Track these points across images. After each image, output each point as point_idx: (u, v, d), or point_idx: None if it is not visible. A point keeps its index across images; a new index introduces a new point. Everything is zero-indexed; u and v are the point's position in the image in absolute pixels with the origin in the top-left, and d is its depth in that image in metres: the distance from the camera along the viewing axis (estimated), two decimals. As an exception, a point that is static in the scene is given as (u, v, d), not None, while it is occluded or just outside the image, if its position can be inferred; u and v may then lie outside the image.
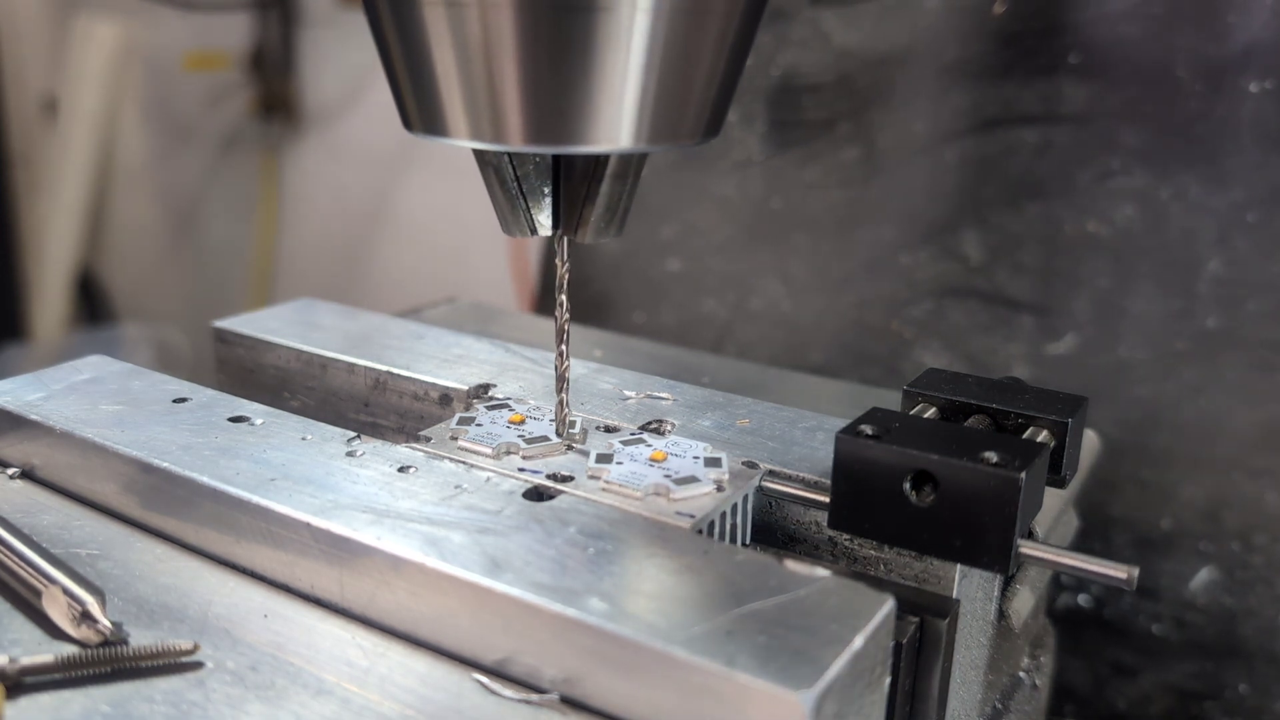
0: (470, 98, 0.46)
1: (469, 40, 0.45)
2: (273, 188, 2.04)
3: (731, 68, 0.49)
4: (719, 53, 0.48)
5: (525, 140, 0.46)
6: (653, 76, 0.46)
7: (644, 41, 0.45)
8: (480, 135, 0.47)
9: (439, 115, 0.47)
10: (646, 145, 0.47)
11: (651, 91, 0.46)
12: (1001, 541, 0.47)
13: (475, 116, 0.46)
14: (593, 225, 0.53)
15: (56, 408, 0.60)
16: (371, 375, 0.69)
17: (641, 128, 0.47)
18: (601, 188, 0.52)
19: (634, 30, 0.44)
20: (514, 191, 0.53)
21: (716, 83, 0.49)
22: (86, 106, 2.22)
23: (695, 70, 0.47)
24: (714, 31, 0.47)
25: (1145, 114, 0.85)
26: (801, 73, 0.99)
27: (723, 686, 0.38)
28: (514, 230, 0.54)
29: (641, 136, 0.47)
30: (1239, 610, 0.83)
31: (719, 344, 1.04)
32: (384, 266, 1.90)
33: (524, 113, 0.46)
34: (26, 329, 2.38)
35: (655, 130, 0.47)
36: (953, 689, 0.52)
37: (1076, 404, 0.54)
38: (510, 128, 0.46)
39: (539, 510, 0.49)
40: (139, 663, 0.45)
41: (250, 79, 1.98)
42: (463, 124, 0.47)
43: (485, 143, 0.47)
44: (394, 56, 0.48)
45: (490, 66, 0.45)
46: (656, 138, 0.47)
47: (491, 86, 0.45)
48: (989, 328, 0.92)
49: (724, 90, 0.49)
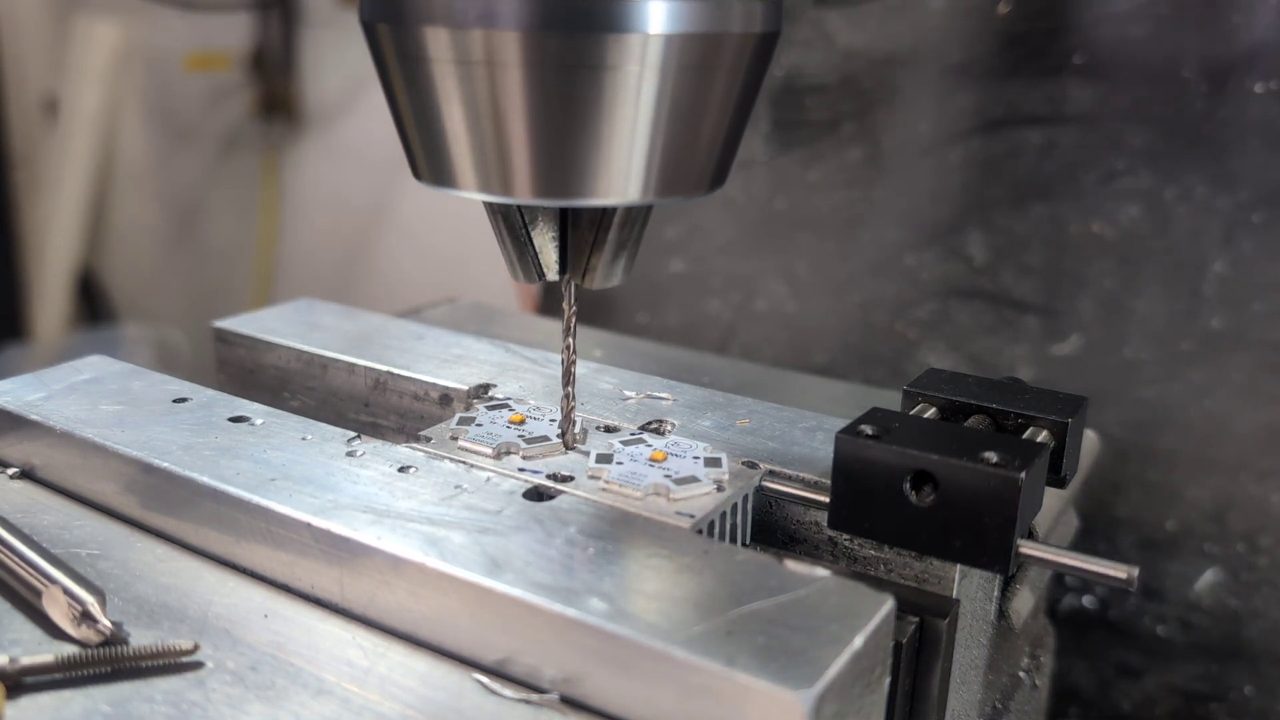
0: (479, 153, 0.47)
1: (478, 97, 0.45)
2: (273, 188, 2.04)
3: (737, 120, 0.50)
4: (725, 107, 0.48)
5: (534, 194, 0.47)
6: (660, 132, 0.46)
7: (651, 99, 0.45)
8: (489, 189, 0.48)
9: (448, 168, 0.48)
10: (654, 198, 0.48)
11: (658, 146, 0.47)
12: (1001, 541, 0.46)
13: (484, 171, 0.47)
14: (600, 272, 0.54)
15: (57, 408, 0.60)
16: (372, 375, 0.69)
17: (649, 181, 0.47)
18: (609, 236, 0.53)
19: (641, 88, 0.45)
20: (522, 239, 0.54)
21: (722, 136, 0.49)
22: (87, 106, 2.22)
23: (701, 125, 0.48)
24: (720, 87, 0.47)
25: (1150, 115, 0.85)
26: (806, 73, 0.99)
27: (722, 686, 0.38)
28: (521, 276, 0.55)
29: (649, 190, 0.48)
30: (1244, 612, 0.83)
31: (723, 345, 1.04)
32: (384, 267, 1.90)
33: (533, 168, 0.46)
34: (27, 329, 2.38)
35: (662, 183, 0.48)
36: (953, 689, 0.52)
37: (1076, 404, 0.54)
38: (519, 182, 0.47)
39: (539, 510, 0.49)
40: (139, 663, 0.44)
41: (251, 79, 1.98)
42: (471, 177, 0.48)
43: (494, 196, 0.48)
44: (402, 109, 0.49)
45: (499, 123, 0.46)
46: (663, 191, 0.48)
47: (500, 142, 0.46)
48: (994, 329, 0.92)
49: (729, 142, 0.50)
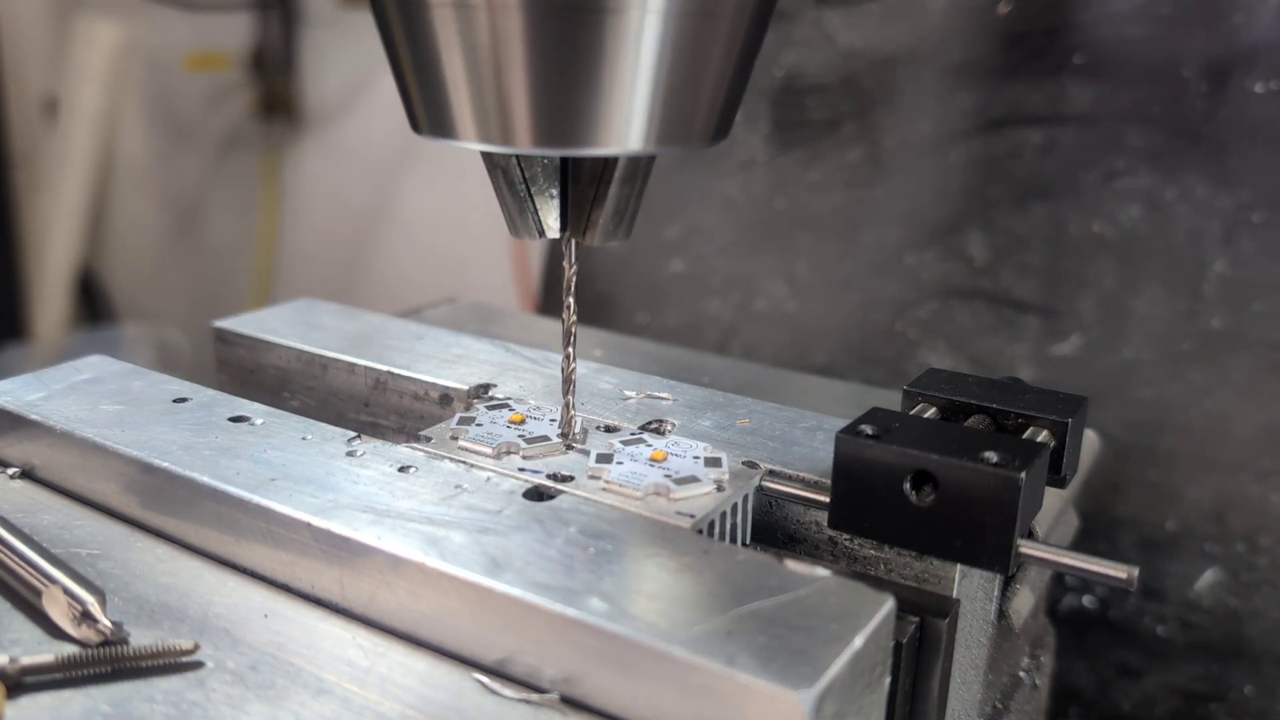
0: (478, 100, 0.46)
1: (477, 42, 0.44)
2: (273, 188, 2.04)
3: (740, 70, 0.49)
4: (728, 55, 0.47)
5: (534, 143, 0.46)
6: (661, 79, 0.45)
7: (653, 43, 0.44)
8: (488, 138, 0.47)
9: (447, 117, 0.47)
10: (655, 148, 0.47)
11: (660, 94, 0.46)
12: (1001, 541, 0.46)
13: (483, 119, 0.46)
14: (601, 228, 0.53)
15: (57, 408, 0.60)
16: (372, 375, 0.69)
17: (650, 130, 0.47)
18: (610, 190, 0.52)
19: (643, 32, 0.44)
20: (522, 194, 0.53)
21: (725, 85, 0.48)
22: (87, 106, 2.22)
23: (704, 73, 0.47)
24: (723, 34, 0.47)
25: (1151, 115, 0.85)
26: (806, 73, 0.99)
27: (723, 686, 0.38)
28: (521, 232, 0.54)
29: (650, 139, 0.47)
30: (1244, 612, 0.83)
31: (723, 345, 1.04)
32: (384, 267, 1.90)
33: (532, 115, 0.45)
34: (27, 329, 2.38)
35: (664, 133, 0.47)
36: (953, 689, 0.52)
37: (1076, 404, 0.54)
38: (518, 130, 0.46)
39: (539, 510, 0.49)
40: (139, 663, 0.44)
41: (251, 79, 1.98)
42: (471, 126, 0.47)
43: (494, 145, 0.47)
44: (402, 58, 0.48)
45: (498, 68, 0.45)
46: (665, 140, 0.47)
47: (500, 89, 0.45)
48: (994, 329, 0.92)
49: (733, 93, 0.49)
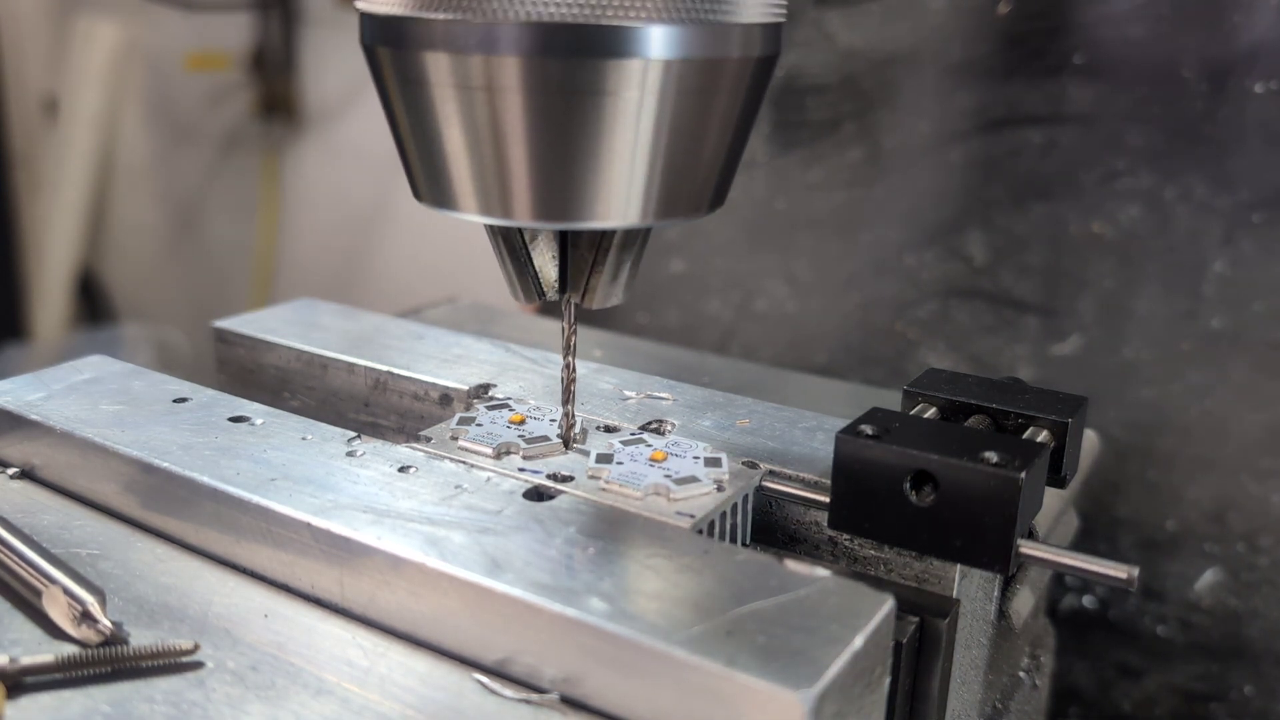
0: (479, 175, 0.47)
1: (478, 121, 0.45)
2: (273, 188, 2.04)
3: (736, 142, 0.50)
4: (724, 129, 0.48)
5: (533, 217, 0.47)
6: (659, 155, 0.46)
7: (651, 122, 0.45)
8: (490, 211, 0.48)
9: (448, 190, 0.48)
10: (653, 221, 0.48)
11: (658, 169, 0.47)
12: (1001, 541, 0.46)
13: (484, 193, 0.47)
14: (600, 292, 0.54)
15: (57, 408, 0.60)
16: (372, 375, 0.69)
17: (648, 203, 0.47)
18: (608, 257, 0.53)
19: (640, 112, 0.45)
20: (522, 259, 0.54)
21: (722, 157, 0.49)
22: (87, 106, 2.22)
23: (701, 147, 0.48)
24: (719, 110, 0.48)
25: (1151, 115, 0.85)
26: (806, 73, 0.99)
27: (723, 686, 0.38)
28: (522, 296, 0.55)
29: (648, 212, 0.48)
30: (1244, 612, 0.83)
31: (723, 345, 1.04)
32: (384, 266, 1.90)
33: (533, 191, 0.46)
34: (27, 329, 2.38)
35: (661, 206, 0.48)
36: (953, 689, 0.52)
37: (1076, 404, 0.54)
38: (519, 205, 0.47)
39: (539, 510, 0.49)
40: (139, 663, 0.44)
41: (251, 79, 1.98)
42: (472, 200, 0.48)
43: (495, 219, 0.48)
44: (403, 133, 0.49)
45: (499, 147, 0.46)
46: (662, 213, 0.48)
47: (500, 166, 0.46)
48: (994, 329, 0.92)
49: (729, 163, 0.50)
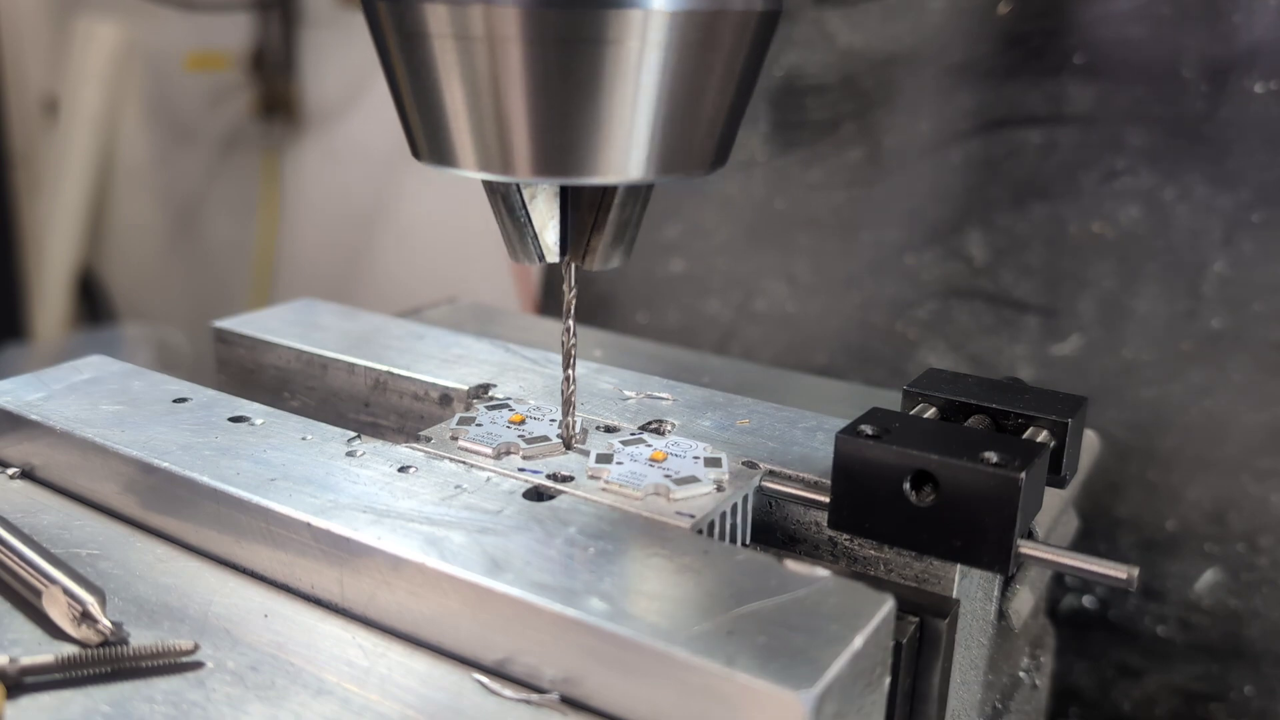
0: (478, 130, 0.46)
1: (477, 73, 0.45)
2: (273, 188, 2.03)
3: (739, 99, 0.49)
4: (726, 85, 0.48)
5: (534, 172, 0.47)
6: (661, 109, 0.46)
7: (652, 75, 0.45)
8: (489, 167, 0.47)
9: (447, 146, 0.48)
10: (655, 176, 0.48)
11: (660, 124, 0.46)
12: (1001, 541, 0.46)
13: (484, 149, 0.47)
14: (600, 253, 0.53)
15: (56, 408, 0.60)
16: (371, 375, 0.69)
17: (650, 159, 0.47)
18: (609, 216, 0.52)
19: (642, 64, 0.44)
20: (522, 220, 0.53)
21: (724, 114, 0.49)
22: (87, 107, 2.22)
23: (702, 103, 0.47)
24: (722, 64, 0.47)
25: (1150, 115, 0.85)
26: (805, 73, 0.99)
27: (723, 686, 0.38)
28: (521, 257, 0.54)
29: (650, 168, 0.47)
30: (1244, 612, 0.83)
31: (723, 345, 1.04)
32: (384, 266, 1.90)
33: (533, 145, 0.46)
34: (27, 329, 2.38)
35: (663, 162, 0.47)
36: (952, 689, 0.52)
37: (1076, 404, 0.54)
38: (519, 160, 0.46)
39: (539, 510, 0.49)
40: (139, 663, 0.44)
41: (251, 79, 1.97)
42: (471, 155, 0.47)
43: (494, 174, 0.47)
44: (402, 87, 0.49)
45: (499, 100, 0.45)
46: (664, 169, 0.47)
47: (500, 119, 0.46)
48: (994, 329, 0.92)
49: (731, 121, 0.50)
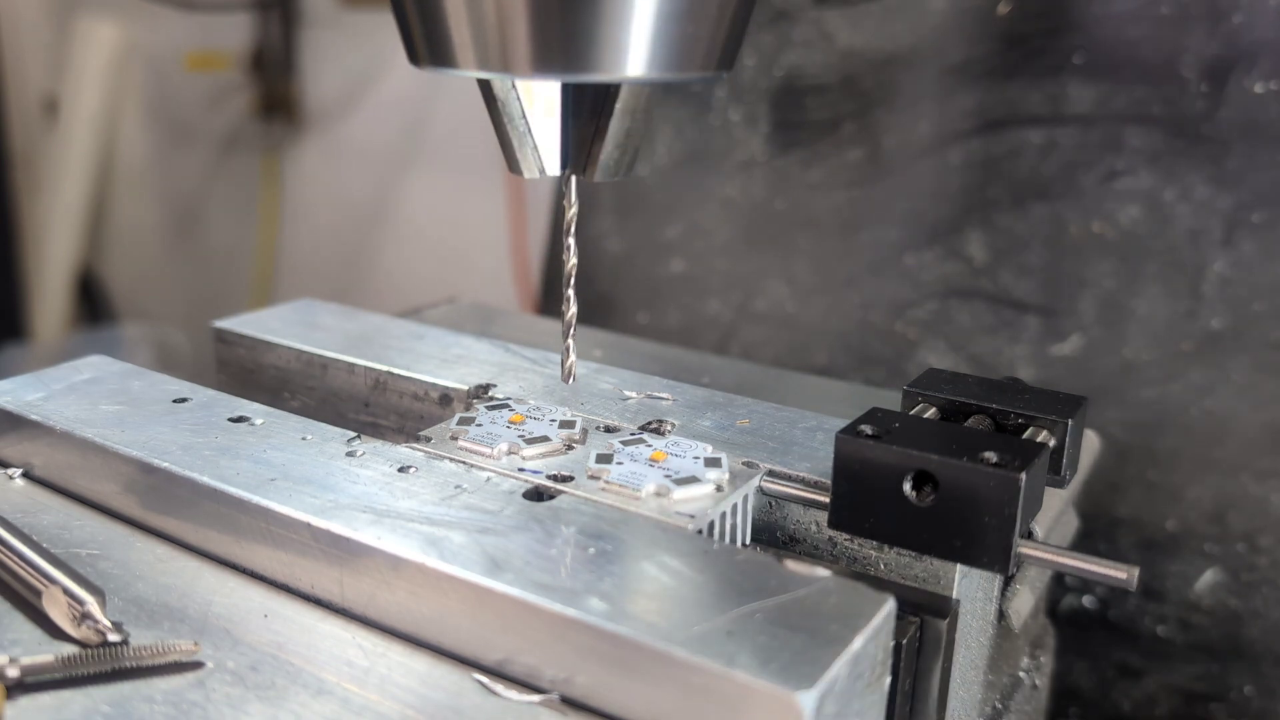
0: (477, 26, 0.45)
1: None
2: (273, 188, 2.03)
3: (741, 3, 0.48)
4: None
5: (533, 68, 0.45)
6: (662, 3, 0.44)
7: None
8: (488, 65, 0.46)
9: (446, 46, 0.46)
10: (657, 75, 0.46)
11: (662, 18, 0.45)
12: (1001, 541, 0.46)
13: (482, 46, 0.45)
14: (602, 164, 0.52)
15: (56, 408, 0.60)
16: (371, 375, 0.69)
17: (653, 56, 0.45)
18: (611, 124, 0.51)
19: None
20: (522, 129, 0.52)
21: (729, 12, 0.47)
22: (87, 107, 2.22)
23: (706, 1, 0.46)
24: None
25: (1151, 115, 0.85)
26: (805, 73, 0.99)
27: (723, 686, 0.38)
28: (521, 169, 0.53)
29: (652, 65, 0.46)
30: (1244, 612, 0.83)
31: (723, 345, 1.04)
32: (384, 266, 1.90)
33: (532, 40, 0.44)
34: (26, 329, 2.38)
35: (666, 59, 0.46)
36: (952, 689, 0.52)
37: (1076, 404, 0.54)
38: (518, 56, 0.45)
39: (539, 510, 0.49)
40: (139, 662, 0.44)
41: (251, 79, 1.98)
42: (470, 54, 0.46)
43: (493, 72, 0.46)
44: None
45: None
46: (667, 66, 0.46)
47: (499, 14, 0.44)
48: (994, 329, 0.92)
49: (736, 22, 0.48)
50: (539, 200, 1.39)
